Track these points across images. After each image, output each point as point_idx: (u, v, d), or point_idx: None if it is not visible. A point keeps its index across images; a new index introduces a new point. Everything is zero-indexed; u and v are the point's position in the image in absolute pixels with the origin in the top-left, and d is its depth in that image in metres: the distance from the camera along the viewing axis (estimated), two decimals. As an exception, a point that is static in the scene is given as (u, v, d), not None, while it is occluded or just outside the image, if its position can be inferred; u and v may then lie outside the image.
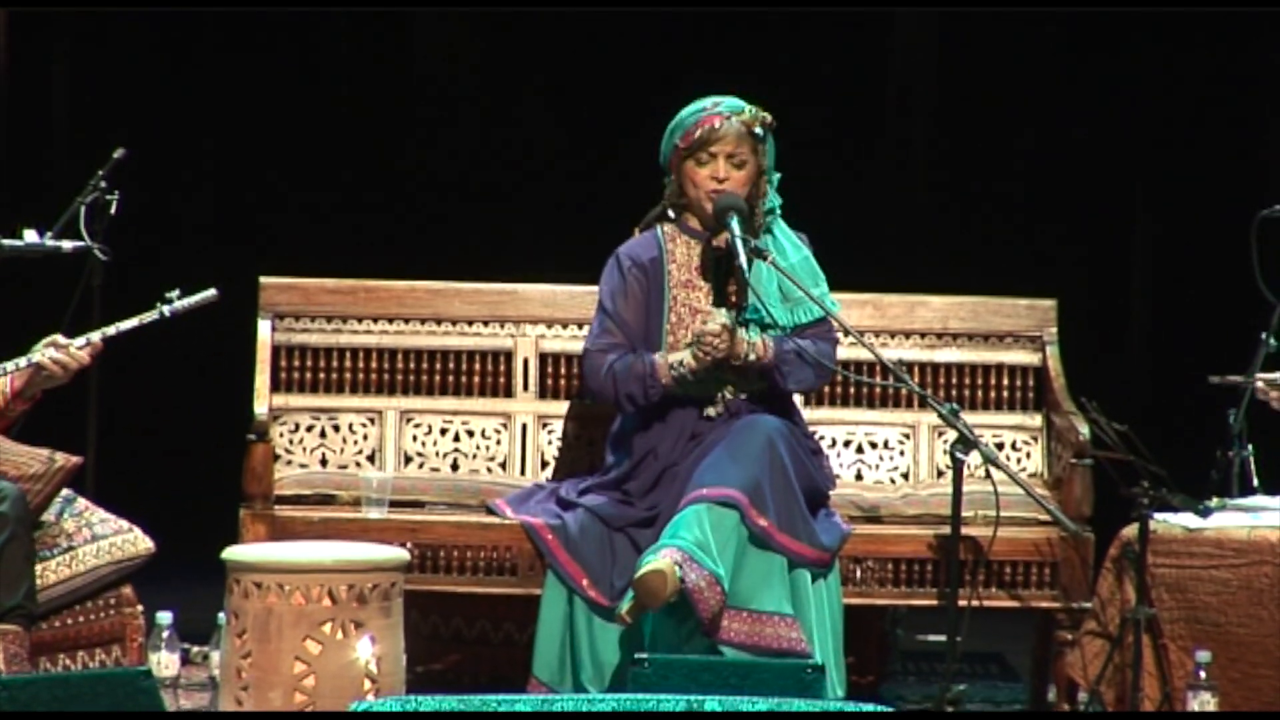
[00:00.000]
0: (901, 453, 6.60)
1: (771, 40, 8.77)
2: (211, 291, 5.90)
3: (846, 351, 6.36)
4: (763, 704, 4.10)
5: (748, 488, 5.68)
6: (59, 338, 5.83)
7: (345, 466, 6.47)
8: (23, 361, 5.77)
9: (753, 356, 5.95)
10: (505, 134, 9.02)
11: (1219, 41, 8.53)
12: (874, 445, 6.61)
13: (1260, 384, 6.01)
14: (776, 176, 6.09)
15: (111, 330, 5.82)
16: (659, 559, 5.55)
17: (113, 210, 6.74)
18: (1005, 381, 6.64)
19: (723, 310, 5.97)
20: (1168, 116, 8.67)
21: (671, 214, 6.14)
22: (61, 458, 5.96)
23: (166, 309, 5.85)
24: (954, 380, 6.63)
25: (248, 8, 8.80)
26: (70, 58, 8.94)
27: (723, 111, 6.00)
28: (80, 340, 5.79)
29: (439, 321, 6.60)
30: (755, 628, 5.64)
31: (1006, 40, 8.73)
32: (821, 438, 6.45)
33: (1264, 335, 6.33)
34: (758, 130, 6.00)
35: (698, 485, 5.72)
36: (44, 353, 5.78)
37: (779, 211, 6.10)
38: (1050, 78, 8.75)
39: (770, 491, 5.71)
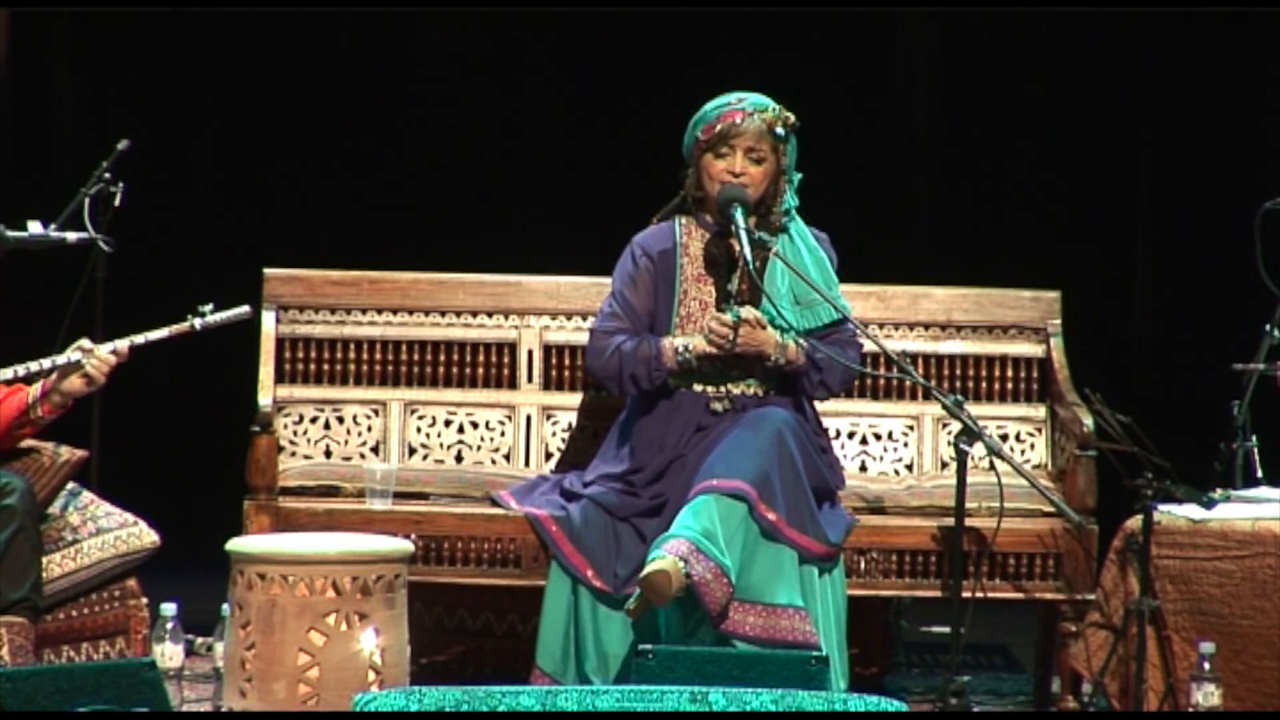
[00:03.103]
0: (905, 444, 6.59)
1: (774, 31, 8.76)
2: (245, 308, 5.95)
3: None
4: (767, 696, 4.11)
5: (757, 481, 5.68)
6: (85, 341, 5.84)
7: (349, 458, 6.47)
8: (46, 363, 5.79)
9: (782, 360, 5.95)
10: (510, 125, 9.01)
11: (1223, 33, 8.52)
12: (878, 437, 6.61)
13: None
14: (797, 177, 6.08)
15: (140, 339, 5.85)
16: (664, 556, 5.55)
17: (117, 202, 6.74)
18: (1009, 373, 6.63)
19: (748, 308, 5.95)
20: (1172, 109, 8.66)
21: (690, 206, 6.13)
22: (67, 451, 5.97)
23: (198, 322, 5.90)
24: (958, 372, 6.63)
25: (250, 6, 8.80)
26: (73, 47, 8.93)
27: (746, 108, 5.99)
28: (108, 346, 5.81)
29: (443, 313, 6.60)
30: (769, 620, 5.64)
31: (1011, 30, 8.72)
32: (825, 429, 6.45)
33: (1268, 327, 6.34)
34: (779, 129, 5.99)
35: (707, 475, 5.72)
36: (83, 360, 5.77)
37: (795, 213, 6.09)
38: (1054, 69, 8.74)
39: (780, 485, 5.71)
